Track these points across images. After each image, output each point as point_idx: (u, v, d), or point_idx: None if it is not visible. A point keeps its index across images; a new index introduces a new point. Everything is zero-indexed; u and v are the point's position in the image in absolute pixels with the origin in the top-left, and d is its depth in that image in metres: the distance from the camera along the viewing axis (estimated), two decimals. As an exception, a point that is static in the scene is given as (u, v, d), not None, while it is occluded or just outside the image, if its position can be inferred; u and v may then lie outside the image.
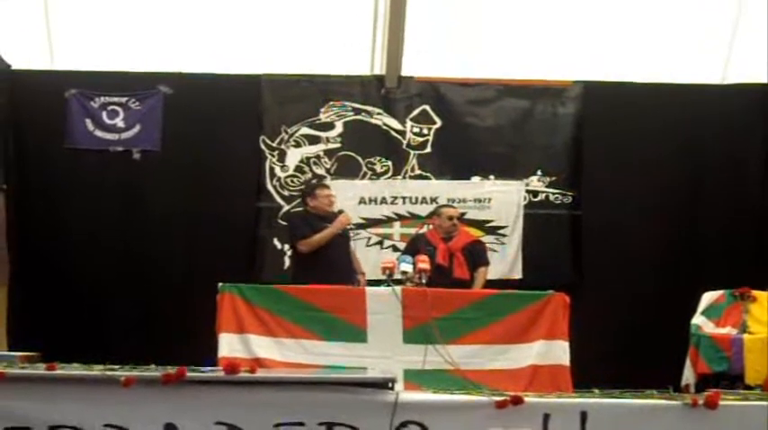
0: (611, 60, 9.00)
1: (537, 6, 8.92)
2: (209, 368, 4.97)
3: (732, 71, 9.09)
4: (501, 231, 8.92)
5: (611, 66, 9.02)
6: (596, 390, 5.04)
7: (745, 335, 7.20)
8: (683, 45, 8.97)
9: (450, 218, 7.95)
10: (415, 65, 9.13)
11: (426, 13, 8.92)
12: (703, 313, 7.49)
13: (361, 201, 8.90)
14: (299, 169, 9.03)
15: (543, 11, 8.91)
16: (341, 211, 7.64)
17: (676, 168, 8.96)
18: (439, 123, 9.13)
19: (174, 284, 8.63)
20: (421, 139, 9.11)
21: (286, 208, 8.92)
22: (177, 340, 7.88)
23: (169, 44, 8.91)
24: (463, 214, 8.49)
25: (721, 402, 4.79)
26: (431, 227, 8.14)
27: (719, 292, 7.58)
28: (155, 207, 8.86)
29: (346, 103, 9.10)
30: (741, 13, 8.89)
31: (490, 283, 7.82)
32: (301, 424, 4.65)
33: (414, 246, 7.81)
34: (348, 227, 7.70)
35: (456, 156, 9.11)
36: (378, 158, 9.06)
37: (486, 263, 7.92)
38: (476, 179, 9.04)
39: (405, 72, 9.13)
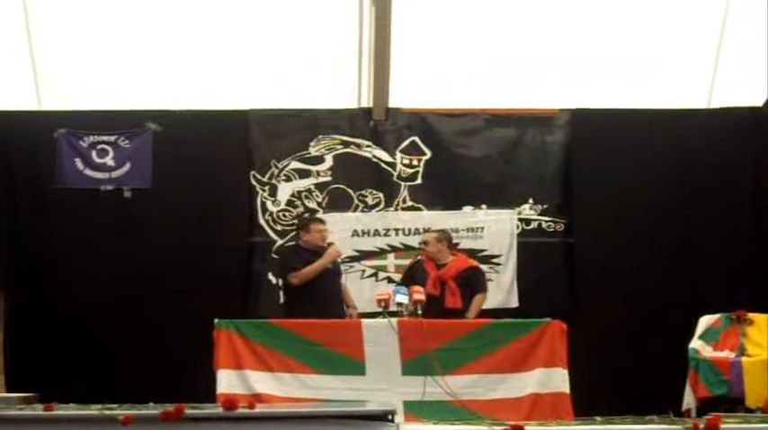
0: (597, 88, 9.01)
1: (522, 36, 8.93)
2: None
3: (717, 95, 9.12)
4: (495, 260, 8.88)
5: (598, 93, 9.03)
6: (598, 418, 5.04)
7: (744, 358, 7.18)
8: (667, 70, 8.99)
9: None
10: (403, 96, 9.12)
11: (411, 44, 8.93)
12: (701, 337, 7.48)
13: (354, 233, 8.88)
14: (290, 203, 8.99)
15: (528, 40, 8.93)
16: (330, 244, 7.68)
17: (667, 193, 8.94)
18: (428, 154, 9.11)
19: (169, 321, 8.54)
20: (411, 171, 9.10)
21: (279, 242, 8.88)
22: (175, 377, 7.85)
23: (156, 81, 8.88)
24: (456, 244, 8.46)
25: (722, 426, 4.80)
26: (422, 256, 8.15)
27: (716, 316, 7.58)
28: (147, 245, 8.79)
29: (335, 137, 9.09)
30: (723, 38, 8.93)
31: (486, 313, 7.81)
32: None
33: (409, 276, 7.85)
34: (338, 259, 7.70)
35: (447, 186, 9.09)
36: (369, 191, 9.04)
37: (482, 290, 7.90)
38: (467, 209, 9.02)
39: (392, 104, 9.12)
